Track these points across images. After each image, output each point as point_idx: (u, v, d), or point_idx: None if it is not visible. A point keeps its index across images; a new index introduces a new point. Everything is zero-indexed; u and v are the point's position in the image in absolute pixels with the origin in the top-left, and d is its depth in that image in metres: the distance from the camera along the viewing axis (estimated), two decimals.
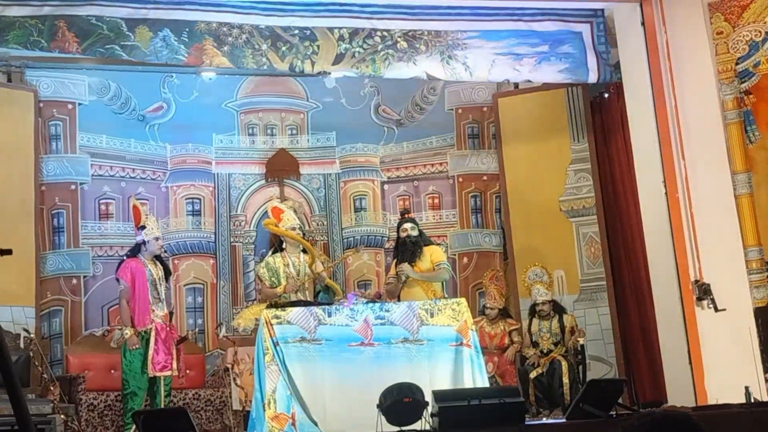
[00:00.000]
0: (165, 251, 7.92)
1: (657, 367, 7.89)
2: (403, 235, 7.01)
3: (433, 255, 6.96)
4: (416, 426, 5.31)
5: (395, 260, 7.11)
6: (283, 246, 7.01)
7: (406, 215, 7.32)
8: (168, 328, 6.79)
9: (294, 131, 9.45)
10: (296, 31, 7.40)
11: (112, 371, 7.52)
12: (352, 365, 6.12)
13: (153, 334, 6.65)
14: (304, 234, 7.34)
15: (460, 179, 9.41)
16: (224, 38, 7.24)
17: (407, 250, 6.92)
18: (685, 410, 5.71)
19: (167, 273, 7.01)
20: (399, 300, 6.84)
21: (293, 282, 6.78)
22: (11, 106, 8.24)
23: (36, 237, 8.15)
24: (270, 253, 7.18)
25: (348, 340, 6.17)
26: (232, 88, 9.29)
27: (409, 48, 7.57)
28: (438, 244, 7.71)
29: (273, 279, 6.84)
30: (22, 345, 7.40)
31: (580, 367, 7.70)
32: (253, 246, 9.14)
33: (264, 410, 5.90)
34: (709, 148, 7.01)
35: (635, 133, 7.63)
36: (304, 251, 7.02)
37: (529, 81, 8.44)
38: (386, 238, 9.28)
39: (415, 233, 6.99)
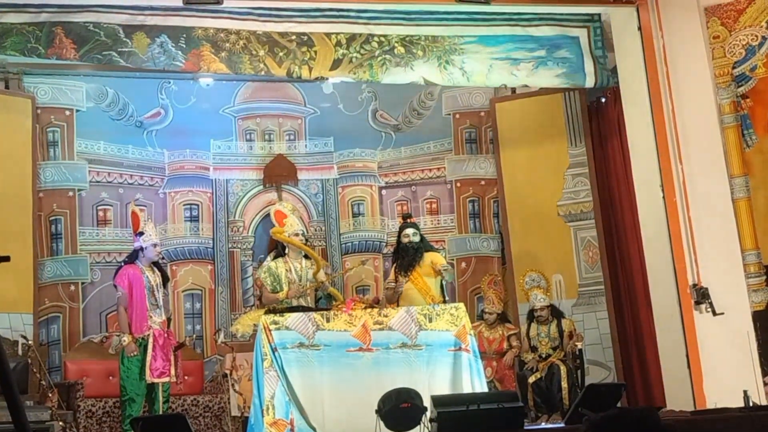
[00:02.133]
0: (163, 257, 7.91)
1: (651, 372, 7.90)
2: (404, 240, 7.01)
3: (434, 260, 6.97)
4: (415, 431, 5.31)
5: (395, 265, 7.10)
6: (286, 251, 7.00)
7: (408, 220, 7.31)
8: (166, 335, 6.79)
9: (292, 137, 9.45)
10: (293, 37, 7.40)
11: (111, 378, 7.51)
12: (351, 370, 6.12)
13: (151, 340, 6.64)
14: (306, 238, 7.35)
15: (458, 184, 9.42)
16: (222, 44, 7.24)
17: (408, 255, 6.92)
18: (684, 414, 5.71)
19: (165, 279, 7.01)
20: (398, 302, 6.84)
21: (296, 288, 6.78)
22: (9, 112, 8.24)
23: (34, 243, 8.14)
24: (271, 257, 7.16)
25: (346, 345, 6.17)
26: (230, 94, 9.30)
27: (407, 53, 7.57)
28: (437, 250, 7.71)
29: (275, 284, 6.83)
30: (20, 352, 7.39)
31: (579, 372, 7.69)
32: (251, 252, 9.14)
33: (262, 416, 5.90)
34: (706, 152, 7.02)
35: (632, 138, 7.64)
36: (307, 257, 7.02)
37: (526, 86, 8.45)
38: (384, 244, 9.28)
39: (416, 239, 6.98)
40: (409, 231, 7.02)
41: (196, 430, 7.16)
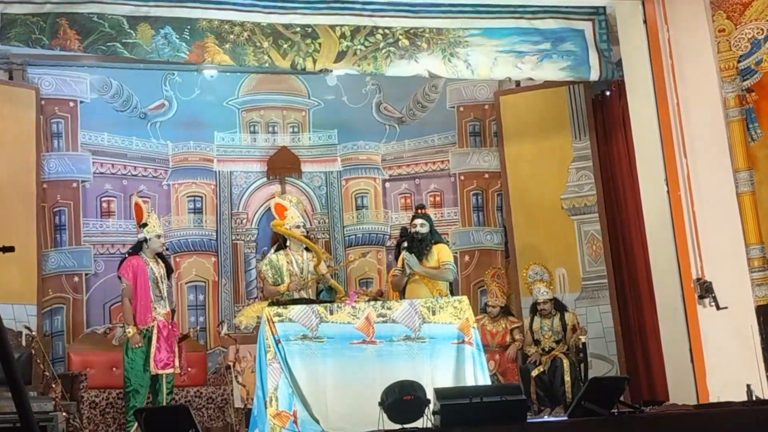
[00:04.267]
0: (167, 249, 7.92)
1: (654, 366, 7.90)
2: (412, 230, 7.00)
3: (440, 254, 6.93)
4: (418, 424, 5.31)
5: (402, 254, 7.07)
6: (287, 243, 7.01)
7: (420, 211, 7.29)
8: (170, 326, 6.80)
9: (295, 129, 9.45)
10: (298, 29, 7.40)
11: (114, 369, 7.53)
12: (354, 363, 6.12)
13: (155, 332, 6.65)
14: (307, 231, 7.36)
15: (462, 177, 9.41)
16: (226, 36, 7.24)
17: (414, 246, 6.90)
18: (687, 408, 5.71)
19: (169, 271, 7.02)
20: (403, 294, 6.84)
21: (297, 280, 6.79)
22: (13, 103, 8.24)
23: (38, 235, 8.14)
24: (273, 250, 7.18)
25: (350, 337, 6.16)
26: (234, 86, 9.29)
27: (411, 46, 7.57)
28: (447, 242, 7.68)
29: (276, 277, 6.84)
30: (23, 343, 7.40)
31: (582, 365, 7.69)
32: (254, 244, 9.15)
33: (266, 408, 5.90)
34: (711, 145, 7.01)
35: (637, 131, 7.62)
36: (308, 249, 7.03)
37: (530, 79, 8.43)
38: (388, 236, 9.28)
39: (424, 230, 6.95)
40: (418, 221, 7.00)
41: (199, 421, 7.18)
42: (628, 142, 8.22)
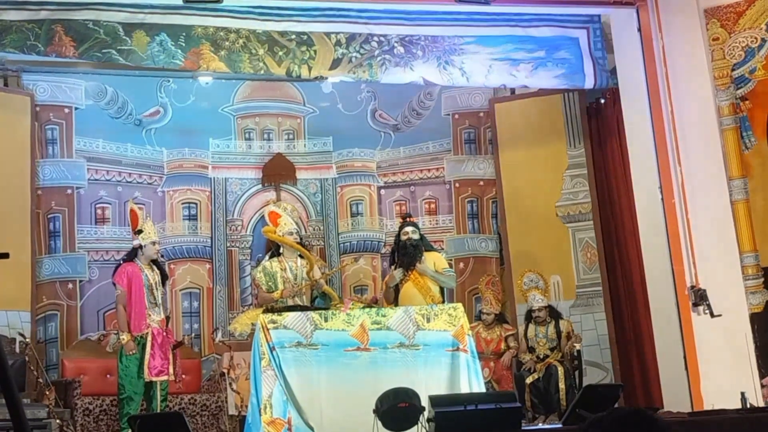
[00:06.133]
0: (162, 256, 7.90)
1: (650, 373, 7.90)
2: (404, 238, 7.01)
3: (436, 262, 6.97)
4: (412, 431, 5.31)
5: (395, 264, 7.10)
6: (281, 250, 7.02)
7: (408, 219, 7.32)
8: (164, 333, 6.79)
9: (291, 136, 9.45)
10: (293, 36, 7.41)
11: (108, 376, 7.51)
12: (349, 370, 6.12)
13: (149, 339, 6.64)
14: (300, 238, 7.36)
15: (457, 184, 9.42)
16: (221, 43, 7.24)
17: (408, 253, 6.92)
18: (681, 416, 5.72)
19: (164, 277, 7.01)
20: (397, 302, 6.85)
21: (290, 287, 6.79)
22: (8, 110, 8.24)
23: (32, 241, 8.13)
24: (267, 257, 7.18)
25: (344, 345, 6.17)
26: (229, 93, 9.29)
27: (406, 53, 7.57)
28: (438, 250, 7.69)
29: (270, 284, 6.84)
30: (17, 349, 7.39)
31: (577, 373, 7.69)
32: (249, 251, 9.14)
33: (260, 415, 5.90)
34: (705, 153, 7.03)
35: (631, 139, 7.65)
36: (302, 256, 7.03)
37: (525, 86, 8.44)
38: (383, 243, 9.27)
39: (416, 237, 6.99)
40: (409, 229, 7.03)
41: (193, 428, 7.16)
42: (622, 150, 8.24)
